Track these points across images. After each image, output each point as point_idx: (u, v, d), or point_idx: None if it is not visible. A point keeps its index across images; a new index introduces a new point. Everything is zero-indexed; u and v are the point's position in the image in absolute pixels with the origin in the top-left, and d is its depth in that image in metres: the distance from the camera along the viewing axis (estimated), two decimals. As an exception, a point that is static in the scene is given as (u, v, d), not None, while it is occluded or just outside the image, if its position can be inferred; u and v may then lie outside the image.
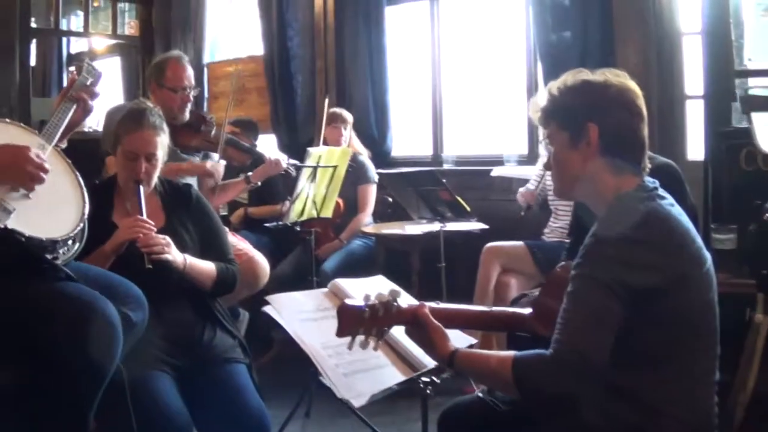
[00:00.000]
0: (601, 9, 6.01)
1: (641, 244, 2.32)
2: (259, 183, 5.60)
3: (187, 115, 5.30)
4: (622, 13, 5.89)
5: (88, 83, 3.34)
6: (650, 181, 2.54)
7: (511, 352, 2.44)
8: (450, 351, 2.59)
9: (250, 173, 5.52)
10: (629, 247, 2.31)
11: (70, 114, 3.23)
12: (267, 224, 6.05)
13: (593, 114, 2.51)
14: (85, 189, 3.07)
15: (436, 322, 2.67)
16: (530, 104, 2.78)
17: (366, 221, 6.74)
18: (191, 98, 5.31)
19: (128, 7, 8.31)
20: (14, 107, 5.57)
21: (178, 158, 5.22)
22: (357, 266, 6.31)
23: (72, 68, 3.39)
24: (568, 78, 2.61)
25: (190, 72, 5.34)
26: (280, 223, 5.56)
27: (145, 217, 3.65)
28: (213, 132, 5.36)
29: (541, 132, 3.19)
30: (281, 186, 6.71)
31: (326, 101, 6.92)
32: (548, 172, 2.72)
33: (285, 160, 5.56)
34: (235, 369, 3.67)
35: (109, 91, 9.90)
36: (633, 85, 2.57)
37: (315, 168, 5.51)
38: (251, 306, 5.34)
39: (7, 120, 3.11)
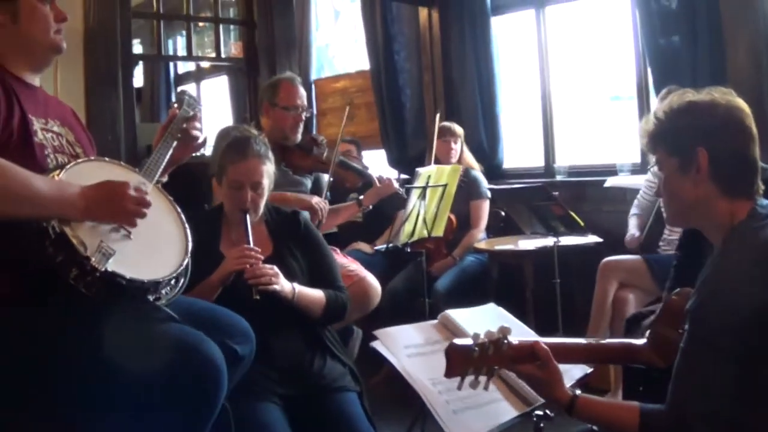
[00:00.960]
0: (708, 11, 5.84)
1: (763, 284, 2.19)
2: (371, 206, 5.55)
3: (299, 136, 5.31)
4: (731, 13, 5.70)
5: (189, 116, 3.32)
6: (763, 205, 2.41)
7: (636, 405, 2.38)
8: (569, 397, 2.50)
9: (361, 196, 5.50)
10: (749, 293, 2.18)
11: (171, 150, 3.20)
12: (378, 248, 6.01)
13: (701, 138, 2.38)
14: (187, 226, 3.04)
15: (555, 362, 2.56)
16: (639, 129, 2.67)
17: (479, 237, 6.64)
18: (303, 119, 5.32)
19: (232, 28, 8.36)
20: (119, 134, 5.60)
21: (289, 180, 5.24)
22: (470, 284, 6.23)
23: (174, 102, 3.39)
24: (674, 100, 2.50)
25: (302, 93, 5.36)
26: (391, 245, 5.49)
27: (252, 246, 3.64)
28: (325, 154, 5.34)
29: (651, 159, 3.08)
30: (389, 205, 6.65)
31: (437, 116, 6.82)
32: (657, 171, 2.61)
33: (394, 180, 5.51)
34: (346, 398, 3.63)
35: (217, 110, 10.03)
36: (741, 104, 2.43)
37: (425, 188, 5.44)
38: (365, 323, 5.29)
39: (106, 159, 3.09)
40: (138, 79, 9.06)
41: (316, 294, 3.79)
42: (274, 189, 4.03)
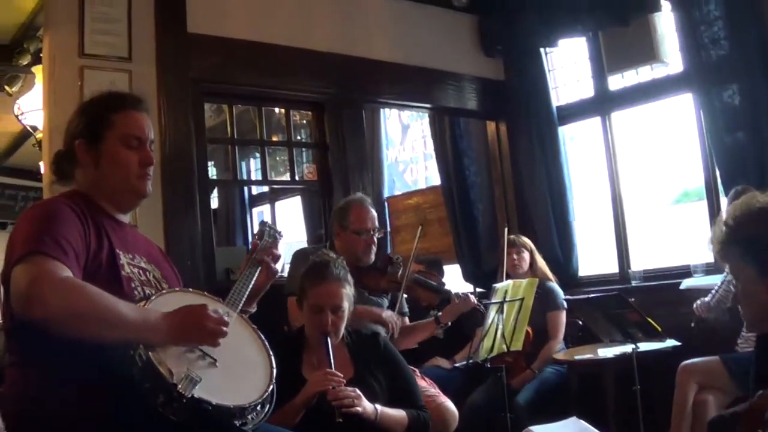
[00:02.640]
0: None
1: None
2: (449, 323, 5.52)
3: (372, 257, 5.35)
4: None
5: (268, 246, 3.42)
6: None
7: None
8: None
9: (439, 313, 5.49)
10: None
11: (255, 278, 3.29)
12: (457, 365, 6.01)
13: None
14: (272, 354, 3.10)
15: None
16: (710, 237, 2.69)
17: (557, 348, 6.59)
18: (375, 240, 5.36)
19: (305, 152, 8.51)
20: (198, 258, 5.71)
21: (365, 301, 5.24)
22: (550, 395, 6.18)
23: (255, 235, 3.49)
24: (742, 205, 2.52)
25: (373, 214, 5.41)
26: (471, 361, 5.50)
27: (333, 369, 3.69)
28: (399, 272, 5.37)
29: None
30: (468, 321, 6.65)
31: (505, 230, 6.85)
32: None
33: (471, 294, 5.52)
34: None
35: (292, 230, 10.15)
36: None
37: (502, 303, 5.46)
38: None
39: (190, 290, 3.19)
40: (213, 201, 9.21)
41: (399, 414, 3.83)
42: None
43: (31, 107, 7.82)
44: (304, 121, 8.31)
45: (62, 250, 2.70)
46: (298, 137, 8.27)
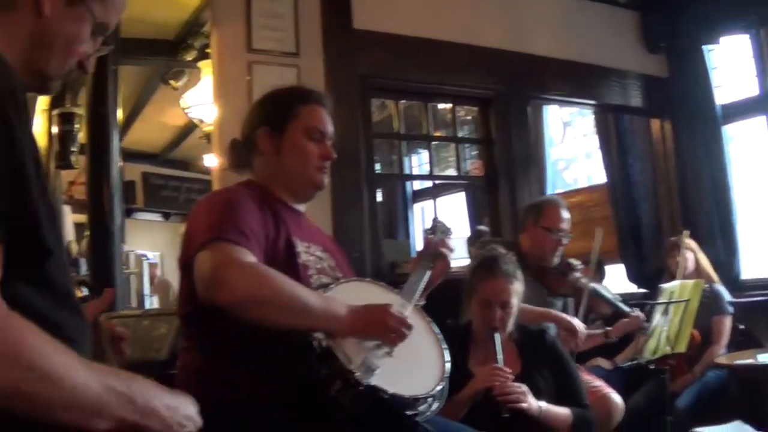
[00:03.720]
0: None
1: None
2: (616, 338, 5.50)
3: (556, 259, 5.35)
4: None
5: (441, 240, 3.43)
6: None
7: None
8: None
9: (609, 328, 5.46)
10: None
11: (428, 273, 3.30)
12: (621, 365, 5.95)
13: None
14: (445, 347, 3.12)
15: None
16: None
17: (720, 353, 6.46)
18: (564, 243, 5.37)
19: (468, 147, 8.51)
20: (366, 250, 5.77)
21: (544, 300, 5.26)
22: (711, 400, 6.06)
23: (427, 231, 3.50)
24: None
25: (566, 217, 5.41)
26: (635, 362, 5.43)
27: (501, 364, 3.70)
28: (581, 280, 5.34)
29: None
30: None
31: (685, 232, 6.70)
32: None
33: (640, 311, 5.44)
34: None
35: (454, 225, 10.17)
36: None
37: (667, 304, 5.38)
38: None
39: (367, 279, 3.24)
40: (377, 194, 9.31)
41: (563, 412, 3.81)
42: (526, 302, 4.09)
43: (197, 101, 8.01)
44: (469, 117, 8.31)
45: (245, 237, 2.76)
46: (460, 133, 8.27)
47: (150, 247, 12.10)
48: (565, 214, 5.40)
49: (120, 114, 5.85)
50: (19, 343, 1.41)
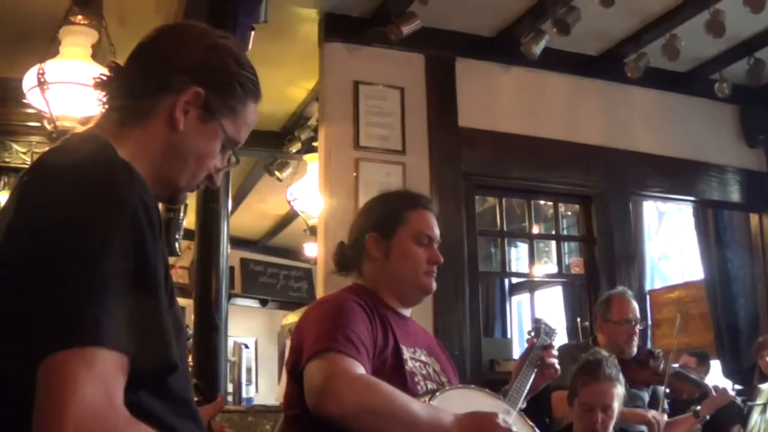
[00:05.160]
0: None
1: None
2: (708, 417, 5.43)
3: (634, 349, 5.36)
4: None
5: (546, 345, 3.45)
6: None
7: None
8: None
9: (698, 407, 5.40)
10: None
11: (532, 378, 3.32)
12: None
13: None
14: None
15: None
16: None
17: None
18: (636, 332, 5.38)
19: (567, 243, 8.52)
20: (466, 348, 5.80)
21: (628, 393, 5.21)
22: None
23: (530, 332, 3.52)
24: None
25: (634, 306, 5.44)
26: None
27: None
28: (661, 366, 5.34)
29: None
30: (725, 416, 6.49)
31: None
32: None
33: (730, 390, 5.43)
34: None
35: (551, 320, 10.10)
36: None
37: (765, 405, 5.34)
38: None
39: (472, 386, 3.27)
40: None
41: None
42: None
43: (303, 194, 8.16)
44: (569, 213, 8.33)
45: (355, 348, 2.79)
46: (562, 224, 8.27)
47: (246, 333, 12.20)
48: (633, 304, 5.45)
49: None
50: None
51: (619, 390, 4.01)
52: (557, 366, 3.44)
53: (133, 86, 1.94)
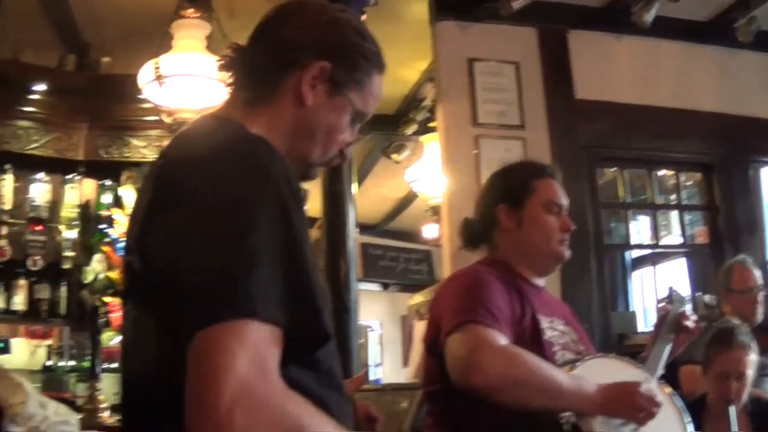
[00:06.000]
0: None
1: None
2: None
3: (759, 317, 5.24)
4: None
5: (680, 311, 3.39)
6: None
7: None
8: None
9: None
10: None
11: (670, 345, 3.28)
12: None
13: None
14: (688, 420, 3.09)
15: None
16: None
17: None
18: (759, 300, 5.27)
19: (688, 213, 8.38)
20: (594, 322, 5.75)
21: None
22: None
23: (662, 301, 3.46)
24: None
25: (756, 274, 5.34)
26: None
27: (735, 437, 3.65)
28: None
29: None
30: None
31: None
32: None
33: None
34: None
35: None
36: None
37: None
38: None
39: (612, 355, 3.24)
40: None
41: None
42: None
43: (422, 175, 8.17)
44: (688, 183, 8.19)
45: (495, 318, 2.81)
46: (672, 197, 8.14)
47: (369, 317, 12.28)
48: (754, 272, 5.35)
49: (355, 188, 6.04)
50: (299, 421, 1.48)
51: (753, 357, 3.95)
52: (692, 327, 3.38)
53: (258, 66, 1.97)
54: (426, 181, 8.09)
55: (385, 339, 13.25)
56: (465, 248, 3.47)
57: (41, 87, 6.90)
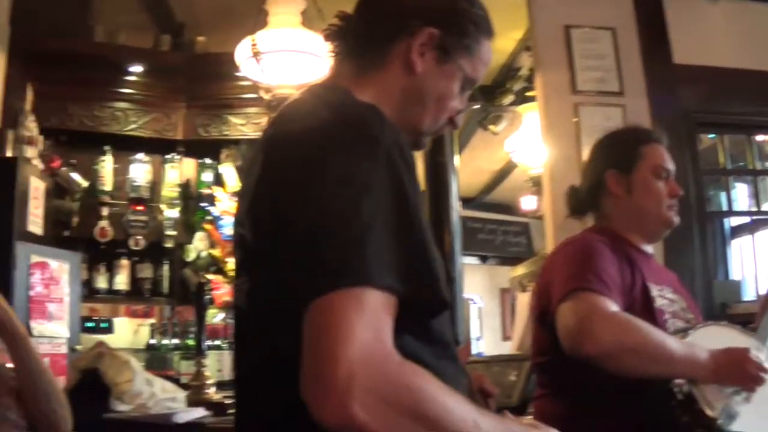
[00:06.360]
0: None
1: None
2: None
3: None
4: None
5: None
6: None
7: None
8: None
9: None
10: None
11: None
12: None
13: None
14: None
15: None
16: None
17: None
18: None
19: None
20: (697, 292, 5.67)
21: None
22: None
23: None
24: None
25: None
26: None
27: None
28: None
29: None
30: None
31: None
32: None
33: None
34: None
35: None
36: None
37: None
38: None
39: (723, 323, 3.19)
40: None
41: None
42: None
43: (520, 145, 8.12)
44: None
45: (606, 286, 2.79)
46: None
47: (468, 290, 12.27)
48: None
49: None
50: (417, 392, 1.44)
51: None
52: None
53: (365, 33, 1.97)
54: (525, 151, 8.04)
55: (484, 312, 13.23)
56: (572, 216, 3.47)
57: (138, 68, 7.02)
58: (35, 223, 5.76)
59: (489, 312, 13.21)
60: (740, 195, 8.28)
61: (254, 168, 1.76)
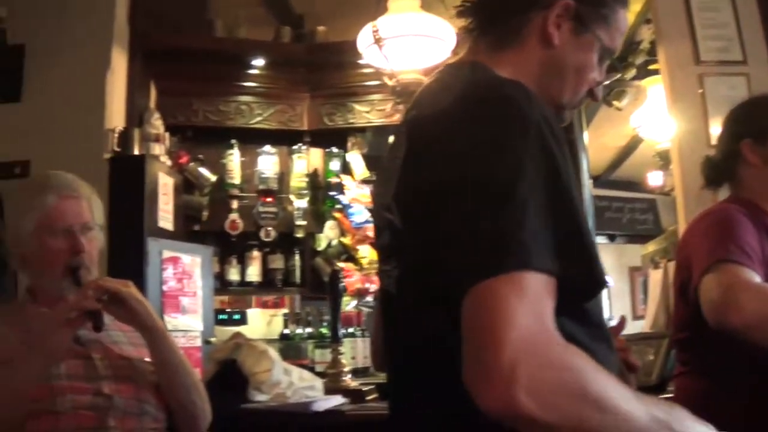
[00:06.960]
0: None
1: None
2: None
3: None
4: None
5: None
6: None
7: None
8: None
9: None
10: None
11: None
12: None
13: None
14: None
15: None
16: None
17: None
18: None
19: None
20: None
21: None
22: None
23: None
24: None
25: None
26: None
27: None
28: None
29: None
30: None
31: None
32: None
33: None
34: None
35: None
36: None
37: None
38: None
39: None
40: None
41: None
42: None
43: (646, 120, 8.00)
44: None
45: (748, 257, 2.76)
46: None
47: (599, 271, 12.13)
48: None
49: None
50: (582, 375, 1.42)
51: None
52: None
53: (500, 8, 1.96)
54: (651, 125, 7.92)
55: (613, 292, 13.06)
56: (707, 188, 3.44)
57: (260, 61, 7.08)
58: (166, 219, 5.88)
59: (618, 292, 13.02)
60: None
61: (397, 152, 1.77)
